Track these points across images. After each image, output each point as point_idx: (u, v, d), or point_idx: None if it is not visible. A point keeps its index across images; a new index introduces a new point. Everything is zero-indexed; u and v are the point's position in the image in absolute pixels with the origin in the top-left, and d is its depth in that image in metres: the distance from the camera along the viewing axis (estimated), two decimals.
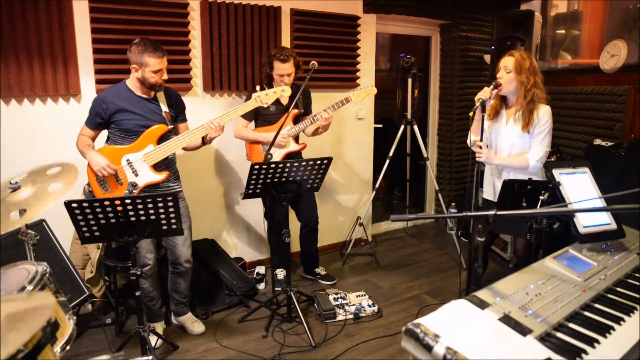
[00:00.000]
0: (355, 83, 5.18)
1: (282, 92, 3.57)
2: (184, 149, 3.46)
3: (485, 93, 3.22)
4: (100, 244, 3.75)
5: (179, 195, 3.28)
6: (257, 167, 3.29)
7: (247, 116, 4.07)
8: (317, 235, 4.56)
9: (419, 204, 6.77)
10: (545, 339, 1.52)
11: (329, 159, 3.50)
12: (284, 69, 3.92)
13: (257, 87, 3.48)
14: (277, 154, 4.06)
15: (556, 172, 2.53)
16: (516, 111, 3.31)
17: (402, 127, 5.25)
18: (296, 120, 4.10)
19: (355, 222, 5.39)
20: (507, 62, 3.26)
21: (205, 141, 3.44)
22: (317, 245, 4.64)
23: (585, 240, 2.29)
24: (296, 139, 4.16)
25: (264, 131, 4.10)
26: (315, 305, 4.03)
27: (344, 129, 5.35)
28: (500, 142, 3.40)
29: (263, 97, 3.49)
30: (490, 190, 3.56)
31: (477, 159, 3.34)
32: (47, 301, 1.29)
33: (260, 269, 4.72)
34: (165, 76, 3.25)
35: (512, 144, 3.35)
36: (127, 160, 3.26)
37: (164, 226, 2.84)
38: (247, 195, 3.48)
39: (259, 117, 4.16)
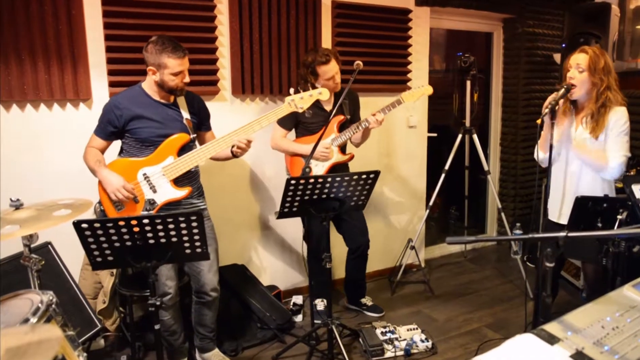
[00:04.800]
0: (406, 86, 5.12)
1: (319, 94, 3.49)
2: (213, 158, 3.42)
3: (556, 98, 3.19)
4: (114, 270, 3.73)
5: (204, 214, 3.23)
6: (293, 182, 3.23)
7: (285, 124, 4.06)
8: (367, 262, 4.50)
9: (478, 225, 6.75)
10: None
11: (376, 173, 3.41)
12: (331, 70, 3.90)
13: (291, 90, 3.40)
14: (320, 167, 4.03)
15: (636, 188, 2.53)
16: (585, 116, 3.29)
17: (460, 136, 5.18)
18: (342, 128, 4.05)
19: (406, 246, 5.29)
20: (580, 59, 3.22)
21: (235, 154, 3.40)
22: (365, 272, 4.59)
23: None
24: (342, 149, 4.11)
25: (305, 141, 4.07)
26: (361, 340, 4.00)
27: (393, 139, 5.29)
28: (570, 152, 3.36)
29: (298, 101, 3.42)
30: (557, 210, 3.49)
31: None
32: (53, 335, 1.41)
33: (298, 299, 4.70)
34: (186, 79, 3.21)
35: None
36: (144, 174, 3.22)
37: (187, 249, 2.77)
38: (282, 215, 3.41)
39: (299, 125, 4.14)
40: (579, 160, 3.32)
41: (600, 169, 3.21)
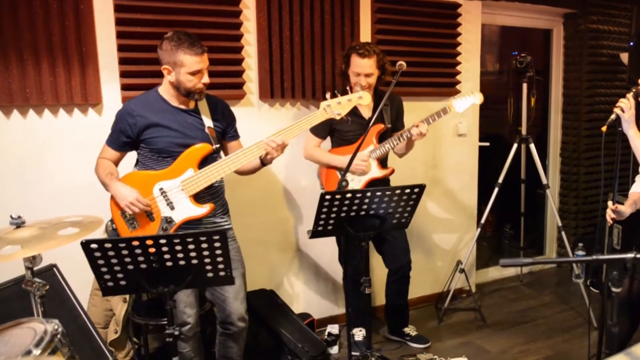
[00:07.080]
0: (455, 89, 5.11)
1: (359, 99, 3.40)
2: (237, 172, 3.37)
3: (626, 102, 3.21)
4: (127, 296, 3.72)
5: (228, 234, 3.17)
6: (328, 197, 3.17)
7: (319, 132, 4.08)
8: (409, 286, 4.47)
9: (536, 245, 6.71)
10: None
11: (421, 187, 3.33)
12: (361, 66, 3.87)
13: (327, 95, 3.33)
14: (357, 182, 3.99)
15: None
16: None
17: (515, 145, 5.13)
18: (382, 138, 4.00)
19: (455, 268, 5.24)
20: None
21: (264, 162, 3.34)
22: (407, 298, 4.55)
23: None
24: (382, 162, 4.08)
25: (340, 152, 4.06)
26: None
27: (440, 149, 5.28)
28: None
29: (334, 107, 3.34)
30: None
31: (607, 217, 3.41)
32: None
33: (333, 328, 4.68)
34: (206, 79, 3.16)
35: None
36: (161, 189, 3.18)
37: (208, 273, 2.72)
38: (315, 234, 3.36)
39: (334, 133, 4.14)
40: None
41: None
